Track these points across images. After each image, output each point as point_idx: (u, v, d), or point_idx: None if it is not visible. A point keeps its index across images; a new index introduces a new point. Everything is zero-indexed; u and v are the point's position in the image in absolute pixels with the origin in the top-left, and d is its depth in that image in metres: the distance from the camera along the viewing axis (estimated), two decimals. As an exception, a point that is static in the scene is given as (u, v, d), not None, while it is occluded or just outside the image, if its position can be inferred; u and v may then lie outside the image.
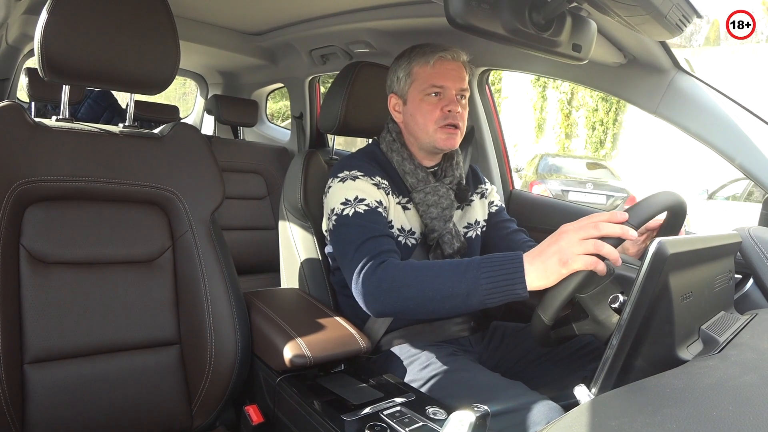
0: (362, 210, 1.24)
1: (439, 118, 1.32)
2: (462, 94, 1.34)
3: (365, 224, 1.21)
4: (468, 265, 1.03)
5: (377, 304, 1.11)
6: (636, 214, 1.02)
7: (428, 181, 1.35)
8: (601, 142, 12.64)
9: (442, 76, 1.31)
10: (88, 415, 1.09)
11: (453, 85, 1.32)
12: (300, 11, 2.24)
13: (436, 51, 1.32)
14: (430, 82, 1.32)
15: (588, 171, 9.92)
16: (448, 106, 1.31)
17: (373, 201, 1.26)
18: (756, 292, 1.24)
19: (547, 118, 13.49)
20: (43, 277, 1.08)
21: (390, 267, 1.11)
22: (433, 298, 1.04)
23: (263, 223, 2.73)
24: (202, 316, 1.19)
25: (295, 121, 3.12)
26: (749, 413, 0.57)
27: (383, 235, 1.21)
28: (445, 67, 1.32)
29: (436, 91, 1.32)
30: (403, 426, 0.92)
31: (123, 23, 1.15)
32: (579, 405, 0.65)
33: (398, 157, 1.37)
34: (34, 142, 1.09)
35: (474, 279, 1.00)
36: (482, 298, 1.00)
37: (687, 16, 0.94)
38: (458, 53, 1.34)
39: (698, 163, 10.00)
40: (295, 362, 1.12)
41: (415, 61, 1.34)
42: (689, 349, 0.82)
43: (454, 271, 1.04)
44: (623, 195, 8.79)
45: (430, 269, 1.07)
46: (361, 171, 1.30)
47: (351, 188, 1.27)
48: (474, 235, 1.45)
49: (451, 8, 0.86)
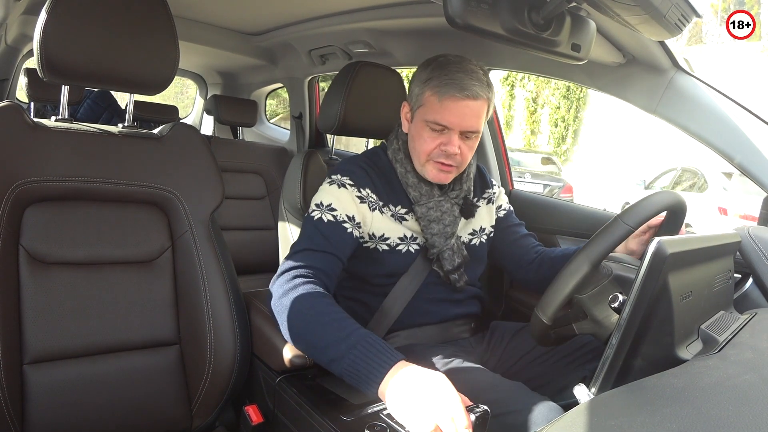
0: (326, 219, 1.22)
1: (433, 152, 1.25)
2: (470, 134, 1.24)
3: (317, 234, 1.20)
4: (348, 336, 0.98)
5: (273, 311, 1.11)
6: (634, 213, 1.02)
7: (432, 195, 1.31)
8: (562, 138, 13.23)
9: (449, 115, 1.20)
10: (88, 416, 1.08)
11: (459, 125, 1.21)
12: (299, 11, 2.24)
13: (449, 85, 1.19)
14: (433, 117, 1.22)
15: (542, 165, 11.12)
16: (446, 145, 1.23)
17: (343, 214, 1.23)
18: (755, 291, 1.24)
19: (515, 115, 14.00)
20: (43, 278, 1.08)
21: (295, 290, 1.08)
22: (306, 341, 1.04)
23: (263, 223, 2.72)
24: (202, 316, 1.19)
25: (295, 121, 3.12)
26: (748, 412, 0.57)
27: (326, 252, 1.18)
28: (456, 106, 1.19)
29: (439, 128, 1.23)
30: (403, 426, 0.92)
31: (122, 23, 1.15)
32: (578, 404, 0.65)
33: (401, 168, 1.32)
34: (33, 142, 1.09)
35: (343, 352, 0.96)
36: (341, 371, 0.96)
37: (686, 16, 0.94)
38: (476, 91, 1.18)
39: (642, 155, 11.36)
40: (294, 362, 1.12)
41: (430, 85, 1.22)
42: (689, 349, 0.82)
43: (335, 334, 0.99)
44: (560, 185, 10.08)
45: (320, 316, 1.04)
46: (352, 180, 1.27)
47: (331, 194, 1.26)
48: (479, 242, 1.42)
49: (450, 8, 0.86)
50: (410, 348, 1.28)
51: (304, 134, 3.08)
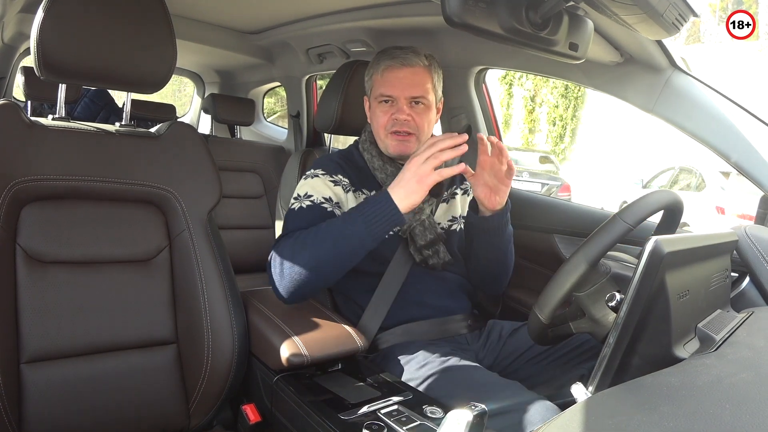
0: (305, 205, 1.30)
1: (387, 124, 1.34)
2: (417, 100, 1.33)
3: (299, 219, 1.28)
4: (344, 219, 1.18)
5: (280, 288, 1.20)
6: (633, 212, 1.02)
7: (397, 173, 1.35)
8: (560, 137, 13.29)
9: (390, 85, 1.33)
10: (85, 415, 1.08)
11: (402, 93, 1.32)
12: (297, 10, 2.24)
13: (384, 59, 1.34)
14: (379, 91, 1.35)
15: (540, 164, 11.29)
16: (395, 114, 1.33)
17: (320, 197, 1.31)
18: (752, 290, 1.25)
19: (513, 114, 14.06)
20: (40, 277, 1.07)
21: (281, 244, 1.21)
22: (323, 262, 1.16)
23: (260, 222, 2.72)
24: (199, 315, 1.19)
25: (292, 120, 3.11)
26: (745, 411, 0.57)
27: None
28: (395, 75, 1.33)
29: (386, 99, 1.34)
30: (401, 425, 0.92)
31: (119, 22, 1.15)
32: (576, 403, 0.65)
33: (368, 155, 1.42)
34: (30, 141, 1.09)
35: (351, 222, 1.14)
36: (364, 234, 1.13)
37: (683, 15, 0.94)
38: (410, 59, 1.32)
39: (639, 154, 11.44)
40: (292, 361, 1.12)
41: (373, 67, 1.38)
42: (686, 347, 0.82)
43: (334, 231, 1.16)
44: (557, 183, 10.20)
45: (314, 237, 1.17)
46: (324, 170, 1.37)
47: (306, 185, 1.34)
48: (458, 228, 1.48)
49: (447, 7, 0.86)
50: (407, 345, 1.28)
51: (301, 133, 3.08)
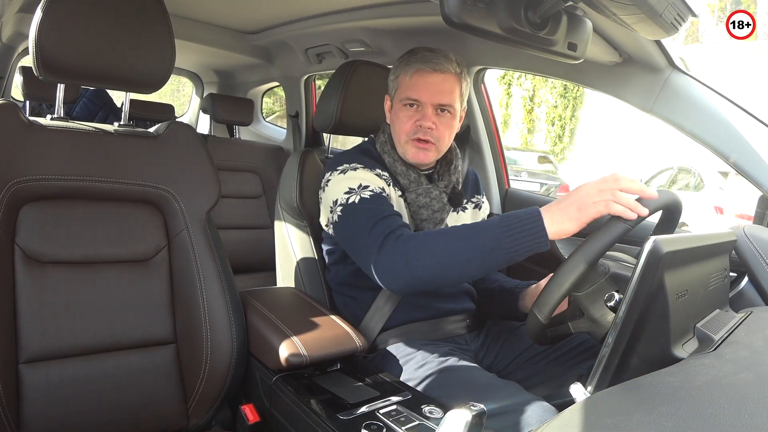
0: (368, 195, 1.22)
1: (410, 130, 1.30)
2: (444, 108, 1.29)
3: (374, 207, 1.20)
4: (486, 225, 1.04)
5: (400, 280, 1.10)
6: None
7: (420, 183, 1.34)
8: (559, 137, 13.29)
9: (419, 89, 1.28)
10: (84, 415, 1.08)
11: (429, 99, 1.28)
12: (296, 10, 2.24)
13: (416, 62, 1.28)
14: (406, 94, 1.30)
15: (538, 164, 11.29)
16: (420, 120, 1.28)
17: (377, 187, 1.24)
18: (751, 290, 1.25)
19: (512, 113, 14.03)
20: (39, 277, 1.07)
21: (410, 238, 1.10)
22: (455, 261, 1.04)
23: (259, 222, 2.72)
24: (198, 315, 1.19)
25: (291, 120, 3.11)
26: (744, 411, 0.57)
27: (394, 215, 1.20)
28: (424, 80, 1.27)
29: (412, 103, 1.30)
30: (400, 425, 0.92)
31: (118, 21, 1.15)
32: (575, 403, 0.65)
33: (389, 158, 1.36)
34: (29, 141, 1.09)
35: (495, 237, 1.01)
36: (505, 253, 1.00)
37: (682, 15, 0.95)
38: (442, 65, 1.27)
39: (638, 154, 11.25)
40: (291, 361, 1.12)
41: (401, 67, 1.32)
42: (684, 347, 0.82)
43: (473, 233, 1.05)
44: (556, 183, 10.14)
45: (448, 234, 1.08)
46: (361, 163, 1.31)
47: (353, 178, 1.27)
48: None
49: (446, 7, 0.86)
50: (405, 345, 1.28)
51: (300, 133, 3.08)
